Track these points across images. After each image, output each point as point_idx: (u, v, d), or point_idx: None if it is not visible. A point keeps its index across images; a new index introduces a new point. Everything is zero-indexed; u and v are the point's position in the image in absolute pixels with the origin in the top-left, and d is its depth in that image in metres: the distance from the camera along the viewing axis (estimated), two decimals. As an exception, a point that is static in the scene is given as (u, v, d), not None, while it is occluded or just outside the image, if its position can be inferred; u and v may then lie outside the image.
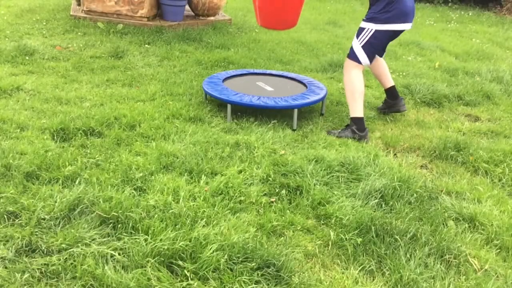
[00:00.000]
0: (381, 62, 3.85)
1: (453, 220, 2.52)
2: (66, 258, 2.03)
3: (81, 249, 2.07)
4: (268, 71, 4.44)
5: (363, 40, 3.48)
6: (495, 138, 3.62)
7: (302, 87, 4.06)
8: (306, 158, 3.01)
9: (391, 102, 3.92)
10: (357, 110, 3.45)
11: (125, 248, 2.11)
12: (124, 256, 2.07)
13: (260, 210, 2.49)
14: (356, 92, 3.46)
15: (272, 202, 2.57)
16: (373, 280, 2.08)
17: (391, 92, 3.90)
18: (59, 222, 2.24)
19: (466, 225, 2.48)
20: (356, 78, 3.47)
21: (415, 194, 2.68)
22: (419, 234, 2.33)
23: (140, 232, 2.20)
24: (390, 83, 3.90)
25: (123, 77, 4.50)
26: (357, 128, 3.43)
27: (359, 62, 3.49)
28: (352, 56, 3.53)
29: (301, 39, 6.51)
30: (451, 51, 6.34)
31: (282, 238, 2.31)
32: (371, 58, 3.50)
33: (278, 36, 6.59)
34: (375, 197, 2.62)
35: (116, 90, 4.12)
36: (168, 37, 5.94)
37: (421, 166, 3.15)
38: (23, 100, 3.74)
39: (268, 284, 1.98)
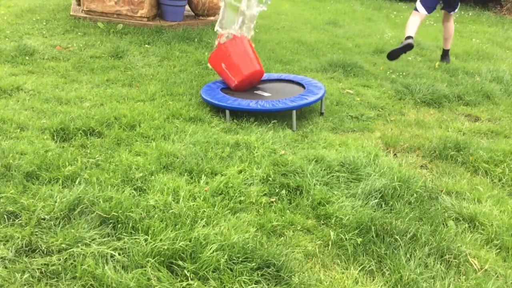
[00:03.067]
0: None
1: (453, 220, 2.52)
2: (66, 258, 2.03)
3: (81, 249, 2.07)
4: (266, 76, 4.33)
5: None
6: (495, 138, 3.62)
7: (300, 88, 4.06)
8: (306, 158, 3.01)
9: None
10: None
11: (125, 248, 2.11)
12: (124, 256, 2.07)
13: (260, 210, 2.49)
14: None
15: (272, 202, 2.57)
16: (373, 280, 2.08)
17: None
18: (59, 222, 2.24)
19: (466, 225, 2.48)
20: None
21: (415, 194, 2.68)
22: (419, 234, 2.33)
23: (140, 232, 2.20)
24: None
25: (123, 77, 4.50)
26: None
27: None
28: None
29: (301, 39, 6.51)
30: (451, 51, 6.33)
31: (282, 238, 2.31)
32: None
33: (278, 36, 6.59)
34: (375, 197, 2.62)
35: (116, 90, 4.12)
36: (168, 37, 5.94)
37: (421, 166, 3.15)
38: (23, 100, 3.74)
39: (268, 284, 1.98)
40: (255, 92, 4.02)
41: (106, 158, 2.89)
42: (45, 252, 2.06)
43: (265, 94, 3.95)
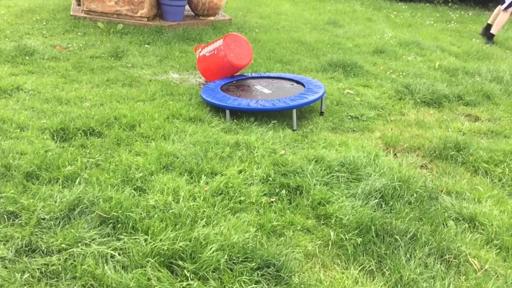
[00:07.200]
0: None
1: (453, 220, 2.52)
2: (66, 258, 2.03)
3: (81, 249, 2.07)
4: (266, 74, 4.43)
5: None
6: (495, 138, 3.62)
7: (300, 87, 4.06)
8: (306, 158, 3.01)
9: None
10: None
11: (125, 248, 2.11)
12: (124, 256, 2.07)
13: (260, 210, 2.49)
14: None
15: (272, 202, 2.57)
16: (373, 280, 2.08)
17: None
18: (59, 222, 2.25)
19: (466, 225, 2.49)
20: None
21: (415, 194, 2.68)
22: (419, 234, 2.33)
23: (140, 232, 2.21)
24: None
25: (123, 77, 4.50)
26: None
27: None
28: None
29: (301, 39, 6.51)
30: (451, 51, 6.34)
31: (282, 238, 2.31)
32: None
33: (278, 36, 6.59)
34: (375, 197, 2.62)
35: (116, 90, 4.12)
36: (168, 37, 5.94)
37: (421, 166, 3.15)
38: (23, 100, 3.74)
39: (268, 284, 1.98)
40: (255, 87, 4.05)
41: (106, 158, 2.89)
42: (45, 252, 2.06)
43: (266, 91, 3.96)
